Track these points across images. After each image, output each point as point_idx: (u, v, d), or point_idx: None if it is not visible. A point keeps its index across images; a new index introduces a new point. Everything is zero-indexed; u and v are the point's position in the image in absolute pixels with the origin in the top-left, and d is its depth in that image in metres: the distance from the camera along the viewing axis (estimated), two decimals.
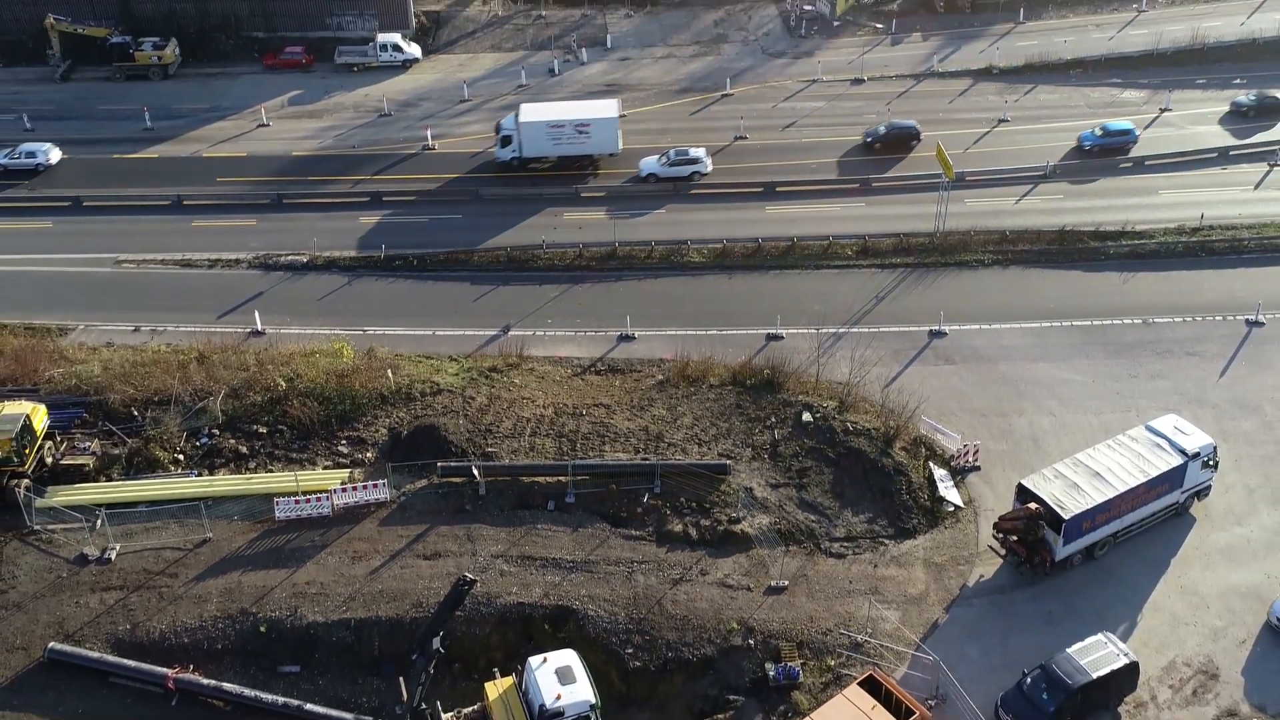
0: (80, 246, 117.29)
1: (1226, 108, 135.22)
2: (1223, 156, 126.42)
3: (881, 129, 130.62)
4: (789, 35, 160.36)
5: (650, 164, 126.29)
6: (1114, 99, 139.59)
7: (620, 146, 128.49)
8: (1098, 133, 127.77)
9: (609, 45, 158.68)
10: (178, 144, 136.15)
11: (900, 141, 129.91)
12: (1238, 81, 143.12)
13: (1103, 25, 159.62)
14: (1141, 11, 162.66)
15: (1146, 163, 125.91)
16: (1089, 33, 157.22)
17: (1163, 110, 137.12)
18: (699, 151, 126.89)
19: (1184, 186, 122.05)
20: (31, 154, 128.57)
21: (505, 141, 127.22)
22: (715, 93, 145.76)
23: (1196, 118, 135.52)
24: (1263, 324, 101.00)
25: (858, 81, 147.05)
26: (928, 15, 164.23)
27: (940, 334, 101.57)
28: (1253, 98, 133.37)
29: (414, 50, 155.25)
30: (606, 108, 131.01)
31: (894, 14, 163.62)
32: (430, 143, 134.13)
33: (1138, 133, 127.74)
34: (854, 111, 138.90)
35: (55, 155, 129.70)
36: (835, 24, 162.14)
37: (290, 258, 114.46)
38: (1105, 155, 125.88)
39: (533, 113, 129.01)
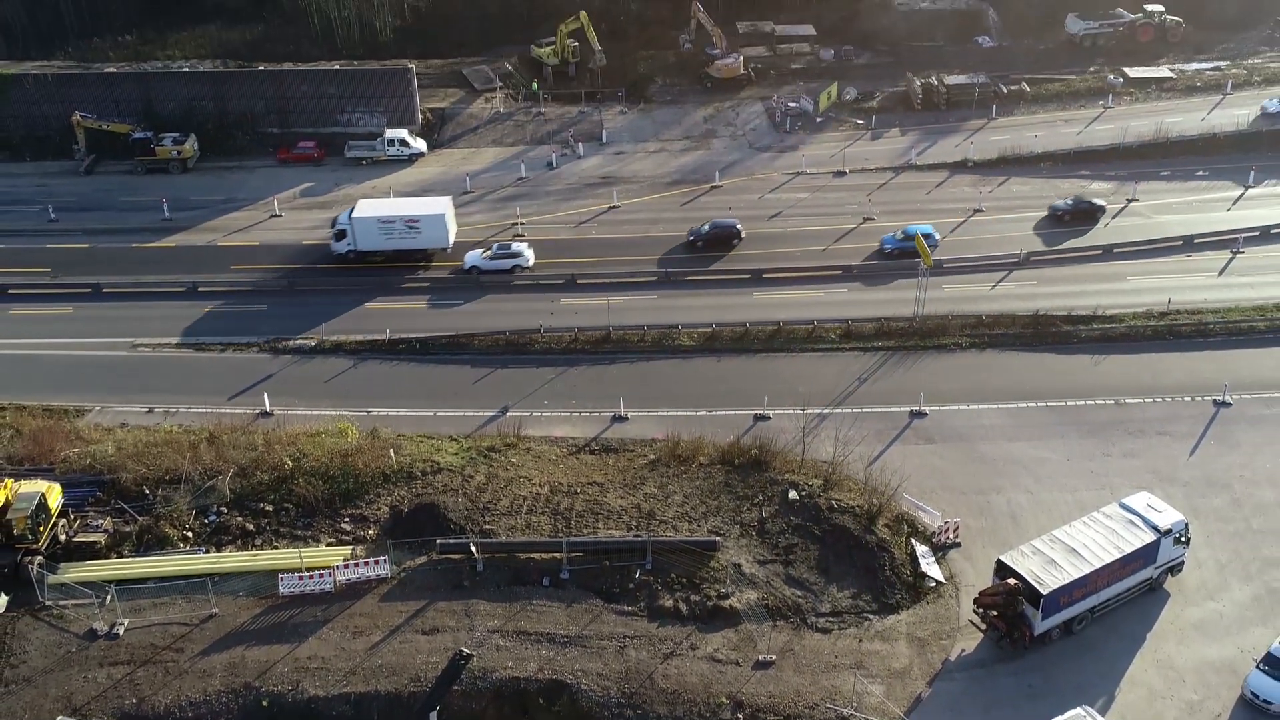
0: (99, 331, 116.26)
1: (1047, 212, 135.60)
2: (1187, 244, 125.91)
3: (705, 228, 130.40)
4: (775, 131, 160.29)
5: (474, 257, 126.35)
6: (1083, 190, 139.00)
7: (451, 241, 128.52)
8: (899, 236, 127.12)
9: (604, 140, 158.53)
10: (194, 234, 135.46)
11: (723, 240, 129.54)
12: (1200, 173, 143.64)
13: (1071, 121, 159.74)
14: (1107, 108, 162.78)
15: (1115, 250, 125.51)
16: (1058, 128, 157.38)
17: (1129, 200, 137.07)
18: (521, 245, 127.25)
19: (1151, 273, 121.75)
20: None
21: (340, 236, 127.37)
22: (705, 185, 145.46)
23: (1162, 207, 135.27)
24: (1230, 404, 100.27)
25: (840, 174, 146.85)
26: (905, 112, 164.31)
27: (921, 414, 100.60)
28: (1069, 202, 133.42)
29: (420, 145, 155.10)
30: (436, 205, 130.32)
31: (874, 110, 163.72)
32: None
33: (938, 236, 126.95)
34: (837, 202, 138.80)
35: None
36: (818, 120, 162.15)
37: (299, 341, 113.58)
38: (904, 257, 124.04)
39: (366, 209, 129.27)
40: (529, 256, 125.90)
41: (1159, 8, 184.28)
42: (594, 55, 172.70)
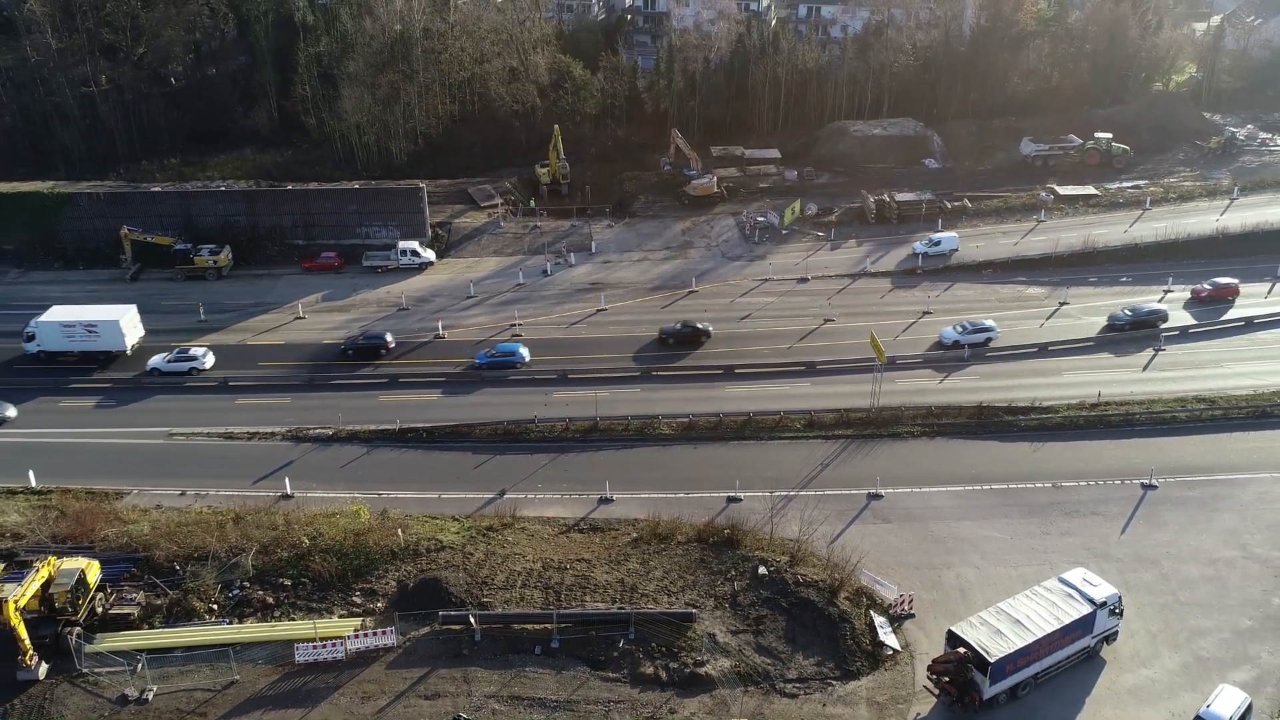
0: (138, 421, 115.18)
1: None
2: (1115, 342, 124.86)
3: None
4: (745, 242, 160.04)
5: (157, 361, 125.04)
6: (1020, 294, 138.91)
7: (128, 345, 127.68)
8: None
9: (593, 250, 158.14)
10: (227, 334, 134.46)
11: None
12: (1124, 279, 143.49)
13: (1008, 233, 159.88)
14: (1041, 222, 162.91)
15: (1049, 348, 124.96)
16: (997, 239, 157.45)
17: (1061, 303, 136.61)
18: (199, 350, 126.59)
19: (1083, 368, 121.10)
20: None
21: (29, 338, 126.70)
22: (683, 290, 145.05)
23: (1091, 309, 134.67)
24: (1156, 487, 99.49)
25: (803, 280, 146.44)
26: (861, 225, 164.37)
27: (878, 496, 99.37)
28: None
29: (430, 254, 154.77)
30: (113, 312, 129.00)
31: (833, 224, 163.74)
32: (441, 332, 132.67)
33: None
34: (800, 305, 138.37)
35: None
36: (784, 233, 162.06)
37: (318, 431, 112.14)
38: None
39: (52, 314, 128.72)
40: (207, 360, 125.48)
41: (1107, 135, 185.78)
42: (564, 168, 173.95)
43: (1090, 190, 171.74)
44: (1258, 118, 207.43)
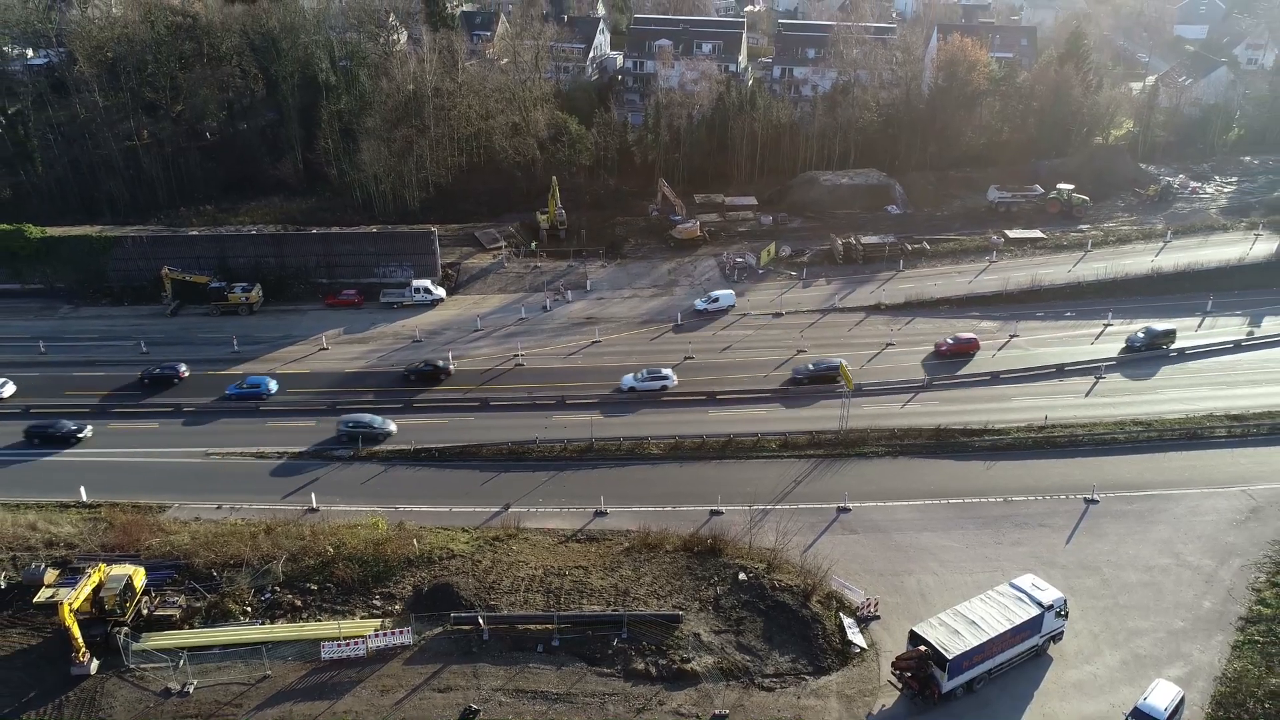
0: (179, 442, 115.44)
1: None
2: (1060, 371, 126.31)
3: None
4: (725, 280, 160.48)
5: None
6: (974, 327, 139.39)
7: None
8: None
9: (588, 288, 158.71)
10: (258, 363, 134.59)
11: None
12: (1068, 314, 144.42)
13: (963, 272, 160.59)
14: (992, 262, 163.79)
15: (1000, 376, 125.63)
16: (953, 278, 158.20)
17: (1012, 336, 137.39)
18: None
19: (1030, 394, 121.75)
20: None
21: None
22: (669, 324, 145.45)
23: (1038, 341, 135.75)
24: (1097, 501, 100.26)
25: (778, 315, 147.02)
26: (831, 265, 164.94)
27: (846, 510, 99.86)
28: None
29: (440, 292, 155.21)
30: None
31: (805, 264, 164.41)
32: (451, 363, 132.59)
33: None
34: (775, 338, 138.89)
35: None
36: (760, 272, 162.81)
37: (341, 451, 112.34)
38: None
39: None
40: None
41: (1069, 187, 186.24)
42: (560, 215, 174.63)
43: (1037, 234, 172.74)
44: (1188, 168, 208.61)
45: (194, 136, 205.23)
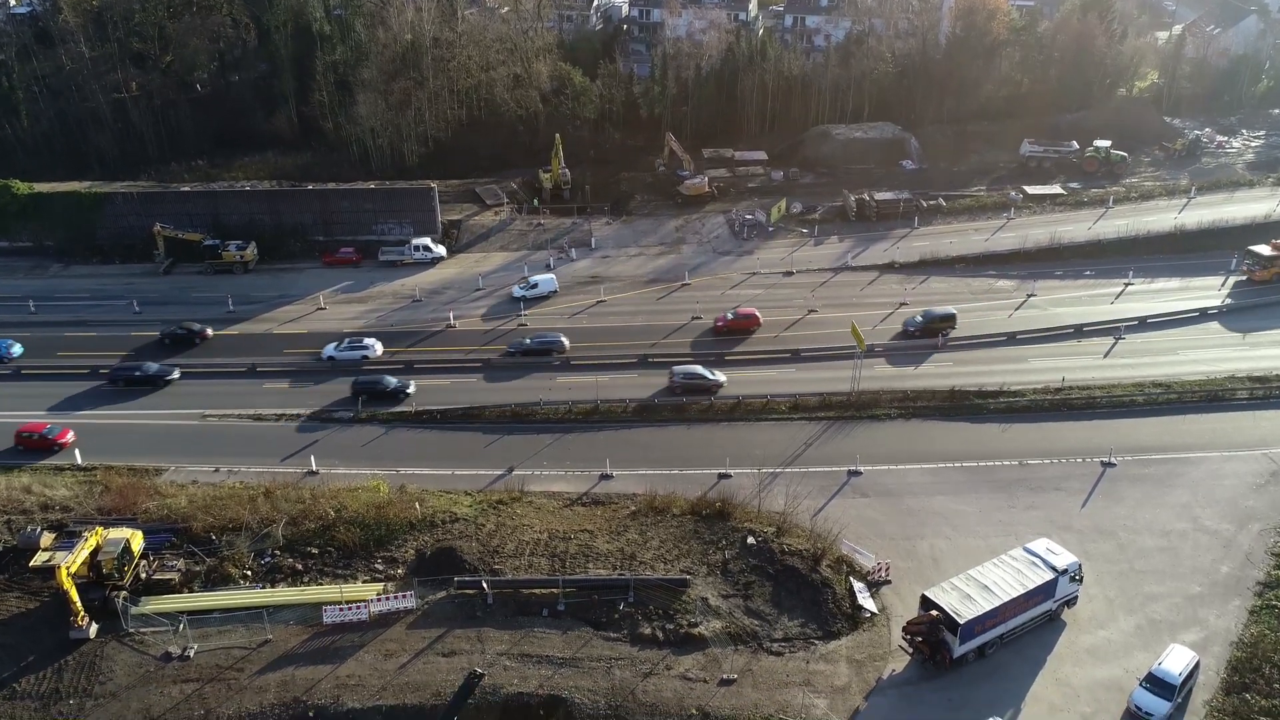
0: (175, 405, 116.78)
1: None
2: (1078, 332, 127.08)
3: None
4: (734, 238, 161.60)
5: None
6: (990, 287, 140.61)
7: None
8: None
9: (593, 246, 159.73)
10: (253, 323, 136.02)
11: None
12: (1087, 273, 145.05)
13: (980, 230, 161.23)
14: (1010, 219, 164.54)
15: (1018, 337, 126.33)
16: (969, 235, 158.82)
17: (1029, 295, 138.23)
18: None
19: (1048, 355, 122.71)
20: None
21: None
22: (676, 283, 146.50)
23: (1056, 301, 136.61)
24: (1115, 465, 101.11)
25: (788, 274, 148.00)
26: (843, 222, 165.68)
27: (857, 473, 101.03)
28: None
29: (440, 250, 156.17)
30: None
31: (816, 221, 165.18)
32: (452, 322, 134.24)
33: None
34: (786, 297, 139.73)
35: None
36: (770, 230, 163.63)
37: (340, 413, 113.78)
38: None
39: None
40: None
41: (1106, 143, 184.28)
42: (564, 174, 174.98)
43: (1057, 190, 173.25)
44: (1215, 121, 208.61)
45: (184, 89, 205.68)
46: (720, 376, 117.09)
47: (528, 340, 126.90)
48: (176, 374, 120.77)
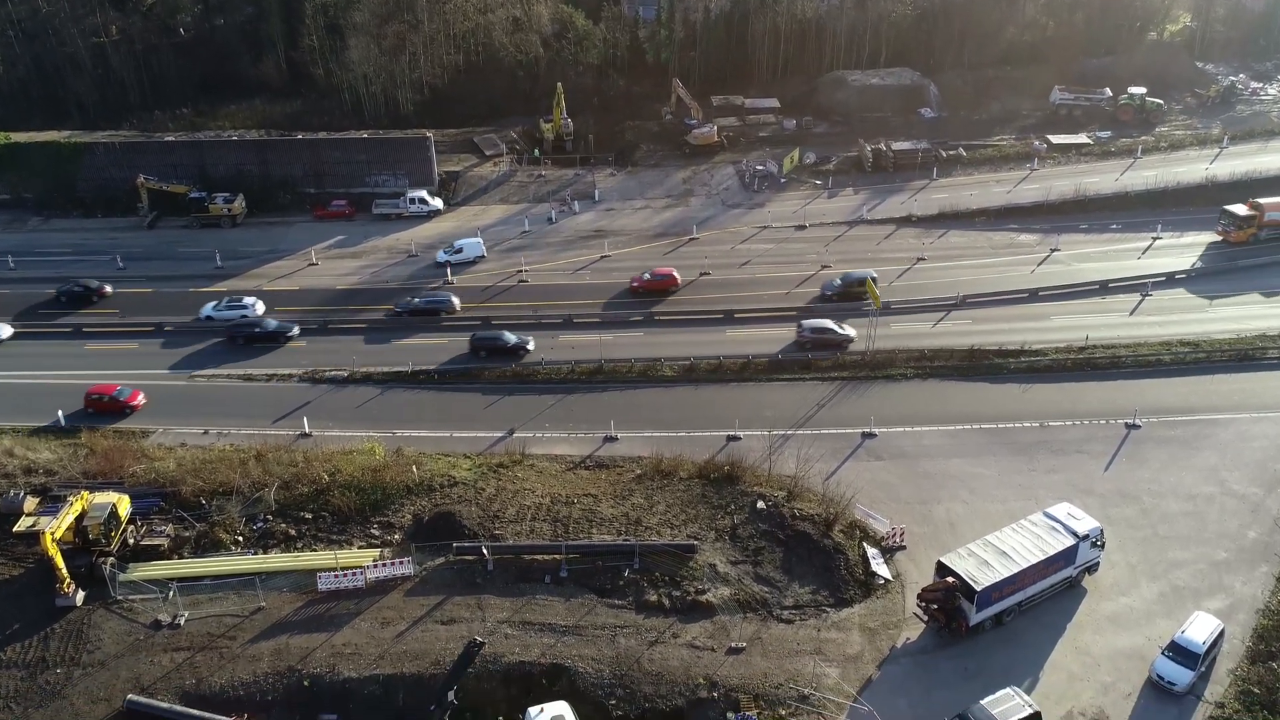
0: (161, 364, 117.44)
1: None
2: (1103, 288, 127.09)
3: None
4: (744, 190, 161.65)
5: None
6: (1012, 241, 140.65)
7: None
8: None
9: (597, 199, 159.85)
10: (243, 280, 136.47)
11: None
12: (1113, 226, 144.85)
13: (1001, 181, 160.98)
14: (1033, 170, 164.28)
15: (1040, 293, 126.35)
16: (990, 187, 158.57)
17: (1052, 250, 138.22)
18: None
19: (1071, 313, 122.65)
20: None
21: None
22: (684, 237, 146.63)
23: (1080, 256, 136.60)
24: (1139, 426, 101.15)
25: (801, 228, 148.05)
26: (858, 174, 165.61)
27: (871, 435, 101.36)
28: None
29: (437, 203, 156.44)
30: None
31: (830, 172, 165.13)
32: (450, 278, 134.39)
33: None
34: (798, 252, 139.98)
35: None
36: (782, 181, 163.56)
37: (333, 373, 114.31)
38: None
39: None
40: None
41: (1142, 90, 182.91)
42: (566, 124, 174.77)
43: (1083, 140, 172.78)
44: (1249, 67, 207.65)
45: (167, 33, 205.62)
46: (850, 331, 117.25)
47: (416, 300, 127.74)
48: (296, 329, 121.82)
